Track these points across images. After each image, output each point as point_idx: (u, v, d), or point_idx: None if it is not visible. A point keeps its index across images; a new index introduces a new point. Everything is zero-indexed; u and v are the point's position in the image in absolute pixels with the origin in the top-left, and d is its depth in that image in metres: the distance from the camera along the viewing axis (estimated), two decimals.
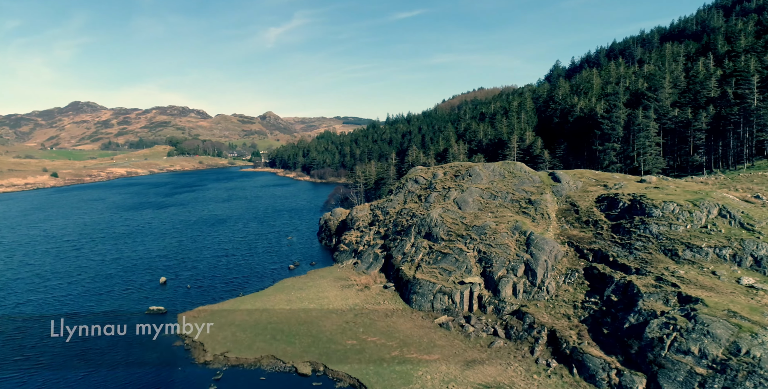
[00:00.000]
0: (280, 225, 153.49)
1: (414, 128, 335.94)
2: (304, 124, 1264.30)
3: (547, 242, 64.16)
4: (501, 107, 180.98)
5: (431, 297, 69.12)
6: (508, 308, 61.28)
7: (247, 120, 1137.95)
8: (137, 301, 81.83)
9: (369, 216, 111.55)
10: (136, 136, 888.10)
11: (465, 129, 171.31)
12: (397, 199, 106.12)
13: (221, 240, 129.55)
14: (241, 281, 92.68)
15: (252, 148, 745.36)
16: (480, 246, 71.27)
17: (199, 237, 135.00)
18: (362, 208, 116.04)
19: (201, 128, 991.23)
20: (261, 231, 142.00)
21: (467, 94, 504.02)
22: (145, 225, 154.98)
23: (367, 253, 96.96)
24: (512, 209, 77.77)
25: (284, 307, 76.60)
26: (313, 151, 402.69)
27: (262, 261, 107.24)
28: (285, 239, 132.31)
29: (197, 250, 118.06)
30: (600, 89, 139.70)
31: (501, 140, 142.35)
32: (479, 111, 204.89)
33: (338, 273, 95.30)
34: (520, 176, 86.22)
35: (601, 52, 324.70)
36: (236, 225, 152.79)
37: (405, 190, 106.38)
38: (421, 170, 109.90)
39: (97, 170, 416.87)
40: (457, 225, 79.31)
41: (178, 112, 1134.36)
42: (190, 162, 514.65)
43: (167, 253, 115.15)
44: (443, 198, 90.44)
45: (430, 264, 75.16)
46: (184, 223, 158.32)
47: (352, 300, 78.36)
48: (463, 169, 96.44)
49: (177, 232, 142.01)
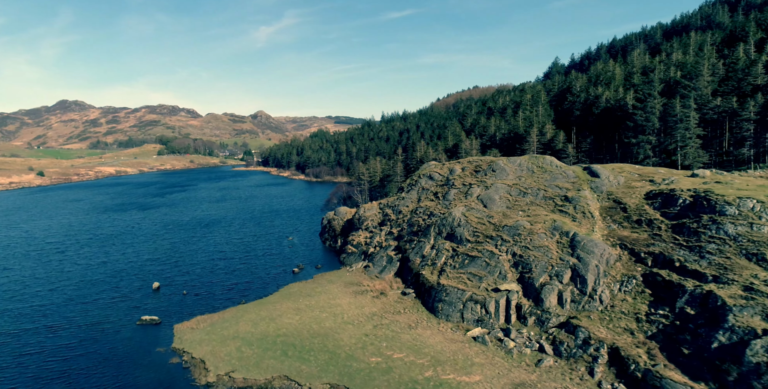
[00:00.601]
0: (279, 225, 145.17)
1: (411, 126, 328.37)
2: (296, 124, 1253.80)
3: (596, 244, 56.74)
4: (512, 101, 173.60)
5: (460, 305, 61.47)
6: (554, 320, 53.75)
7: (238, 119, 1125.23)
8: (127, 311, 73.36)
9: (378, 215, 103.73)
10: (126, 135, 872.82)
11: (473, 124, 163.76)
12: (409, 197, 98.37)
13: (217, 242, 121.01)
14: (243, 287, 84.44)
15: (243, 147, 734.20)
16: (514, 248, 63.72)
17: (193, 238, 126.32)
18: (370, 207, 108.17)
19: (191, 127, 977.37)
20: (259, 232, 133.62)
21: (462, 92, 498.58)
22: (135, 226, 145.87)
23: (379, 256, 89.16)
24: (546, 207, 70.36)
25: (293, 317, 68.60)
26: (307, 149, 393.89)
27: (263, 265, 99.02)
28: (285, 240, 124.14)
29: (192, 253, 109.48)
30: (622, 80, 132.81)
31: (517, 134, 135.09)
32: (487, 106, 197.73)
33: (348, 278, 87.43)
34: (552, 171, 78.86)
35: (602, 49, 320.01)
36: (232, 226, 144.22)
37: (418, 187, 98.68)
38: (435, 166, 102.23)
39: (85, 169, 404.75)
40: (484, 225, 71.72)
41: (167, 111, 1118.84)
42: (181, 161, 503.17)
43: (159, 256, 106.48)
44: (464, 196, 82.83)
45: (456, 269, 67.49)
46: (176, 224, 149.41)
47: (368, 309, 70.52)
48: (485, 164, 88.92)
49: (169, 234, 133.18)
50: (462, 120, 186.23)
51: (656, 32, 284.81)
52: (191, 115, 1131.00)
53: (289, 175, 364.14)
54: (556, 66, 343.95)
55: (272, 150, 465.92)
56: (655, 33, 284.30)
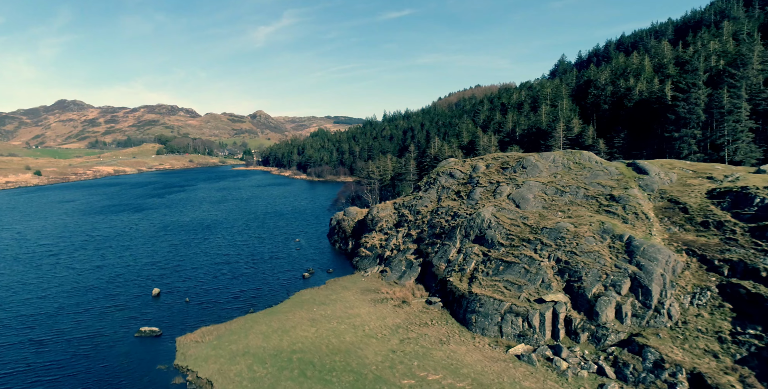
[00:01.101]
0: (284, 226, 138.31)
1: (416, 124, 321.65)
2: (295, 124, 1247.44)
3: (659, 250, 49.92)
4: (528, 96, 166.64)
5: (498, 318, 54.62)
6: (613, 337, 46.91)
7: (237, 119, 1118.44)
8: (124, 321, 66.43)
9: (394, 216, 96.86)
10: (124, 135, 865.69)
11: (486, 120, 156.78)
12: (428, 196, 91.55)
13: (220, 245, 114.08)
14: (250, 294, 77.50)
15: (243, 147, 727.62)
16: (558, 253, 56.89)
17: (194, 240, 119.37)
18: (384, 207, 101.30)
19: (190, 127, 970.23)
20: (263, 234, 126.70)
21: (465, 91, 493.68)
22: (132, 228, 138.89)
23: (397, 260, 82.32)
24: (589, 207, 63.60)
25: (309, 329, 61.75)
26: (308, 148, 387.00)
27: (270, 269, 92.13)
28: (292, 242, 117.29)
29: (193, 256, 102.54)
30: (652, 71, 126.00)
31: (540, 129, 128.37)
32: (500, 102, 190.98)
33: (364, 284, 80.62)
34: (591, 167, 72.12)
35: (611, 45, 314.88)
36: (234, 228, 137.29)
37: (438, 185, 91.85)
38: (455, 163, 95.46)
39: (83, 168, 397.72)
40: (519, 227, 64.89)
41: (166, 110, 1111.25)
42: (180, 160, 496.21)
43: (159, 260, 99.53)
44: (492, 195, 76.02)
45: (490, 276, 60.65)
46: (175, 225, 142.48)
47: (391, 320, 63.68)
48: (512, 161, 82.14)
49: (168, 235, 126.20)
50: (474, 117, 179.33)
51: (667, 28, 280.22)
52: (190, 114, 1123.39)
53: (290, 174, 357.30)
54: (563, 63, 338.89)
55: (272, 149, 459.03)
56: (667, 29, 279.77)
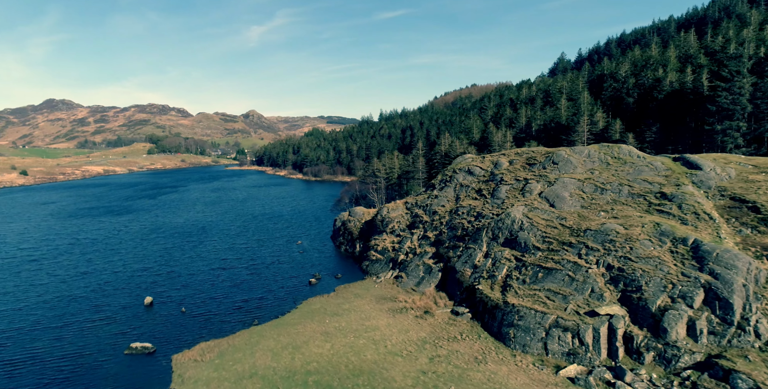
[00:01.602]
0: (284, 228, 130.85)
1: (414, 123, 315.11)
2: (288, 124, 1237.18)
3: (737, 256, 43.26)
4: (540, 90, 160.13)
5: (542, 333, 47.73)
6: (687, 358, 40.15)
7: (230, 118, 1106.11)
8: (112, 337, 58.88)
9: (406, 216, 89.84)
10: (114, 135, 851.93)
11: (495, 116, 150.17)
12: (444, 195, 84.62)
13: (217, 248, 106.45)
14: (254, 303, 70.12)
15: (235, 147, 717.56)
16: (608, 259, 50.10)
17: (189, 244, 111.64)
18: (395, 207, 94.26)
19: (182, 126, 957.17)
20: (263, 237, 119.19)
21: (461, 90, 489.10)
22: (122, 230, 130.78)
23: (413, 264, 75.32)
24: (637, 206, 56.97)
25: (323, 345, 54.55)
26: (304, 147, 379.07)
27: (273, 275, 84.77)
28: (294, 245, 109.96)
29: (189, 261, 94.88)
30: (677, 62, 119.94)
31: (559, 124, 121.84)
32: (507, 97, 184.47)
33: (378, 291, 73.56)
34: (633, 162, 65.55)
35: (611, 43, 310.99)
36: (231, 229, 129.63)
37: (455, 183, 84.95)
38: (473, 159, 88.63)
39: (71, 168, 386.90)
40: (556, 229, 58.09)
41: (158, 110, 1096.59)
42: (172, 160, 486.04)
43: (151, 265, 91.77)
44: (521, 193, 69.20)
45: (527, 284, 53.80)
46: (168, 228, 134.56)
47: (415, 333, 56.63)
48: (539, 156, 75.42)
49: (161, 238, 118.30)
50: (481, 113, 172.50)
51: (670, 25, 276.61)
52: (182, 114, 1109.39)
53: (285, 174, 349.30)
54: (563, 61, 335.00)
55: (267, 148, 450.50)
56: (669, 26, 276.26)
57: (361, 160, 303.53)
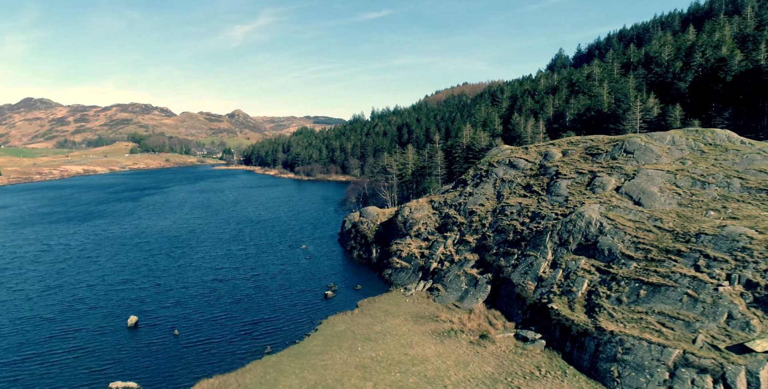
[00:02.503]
0: (284, 231, 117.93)
1: (410, 120, 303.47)
2: (274, 124, 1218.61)
3: None
4: (564, 80, 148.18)
5: (664, 373, 36.01)
6: None
7: (215, 118, 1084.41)
8: (87, 374, 45.79)
9: (434, 217, 77.64)
10: (95, 134, 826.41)
11: (513, 107, 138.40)
12: (481, 192, 72.56)
13: (211, 256, 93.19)
14: (263, 325, 57.29)
15: (221, 146, 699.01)
16: (746, 273, 38.46)
17: (178, 251, 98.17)
18: (418, 206, 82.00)
19: (165, 126, 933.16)
20: (262, 241, 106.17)
21: (453, 88, 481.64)
22: (100, 235, 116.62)
23: (452, 275, 63.14)
24: (760, 204, 45.49)
25: (363, 385, 42.06)
26: (294, 146, 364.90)
27: (280, 287, 71.96)
28: (298, 249, 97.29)
29: (179, 271, 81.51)
30: (732, 42, 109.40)
31: (601, 113, 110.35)
32: (523, 88, 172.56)
33: (411, 307, 61.27)
34: (738, 150, 54.28)
35: (613, 38, 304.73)
36: (225, 234, 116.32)
37: (493, 178, 72.96)
38: (512, 150, 76.82)
39: (48, 168, 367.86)
40: (651, 233, 46.31)
41: (140, 109, 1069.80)
42: (156, 159, 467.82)
43: (134, 277, 78.21)
44: (589, 189, 57.40)
45: (626, 305, 41.91)
46: (154, 232, 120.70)
47: (477, 367, 44.36)
48: (603, 144, 63.76)
49: (145, 244, 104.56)
50: (498, 105, 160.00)
51: (674, 19, 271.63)
52: (165, 113, 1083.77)
53: (276, 173, 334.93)
54: (561, 57, 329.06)
55: (255, 147, 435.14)
56: (674, 20, 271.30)
57: (356, 158, 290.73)
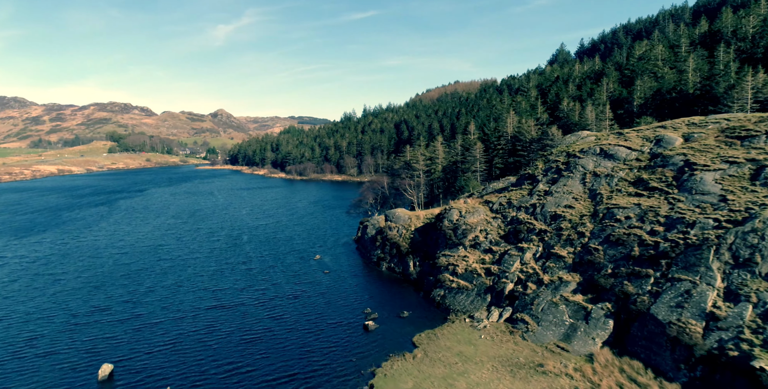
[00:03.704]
0: (289, 239, 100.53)
1: (409, 117, 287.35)
2: (257, 124, 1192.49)
3: None
4: (612, 63, 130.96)
5: None
6: None
7: (197, 118, 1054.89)
8: None
9: (495, 222, 60.97)
10: (72, 134, 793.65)
11: (539, 97, 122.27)
12: (565, 190, 56.15)
13: (208, 271, 75.29)
14: (292, 382, 39.86)
15: (204, 146, 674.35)
16: None
17: (164, 264, 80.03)
18: (470, 208, 65.25)
19: (146, 126, 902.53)
20: (265, 252, 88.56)
21: (445, 86, 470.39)
22: (66, 247, 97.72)
23: (543, 301, 46.54)
24: None
25: None
26: (284, 144, 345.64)
27: (304, 316, 54.67)
28: (311, 261, 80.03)
29: (168, 294, 63.52)
30: None
31: (684, 93, 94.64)
32: (553, 75, 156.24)
33: (493, 348, 44.58)
34: None
35: (619, 31, 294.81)
36: (220, 242, 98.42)
37: (579, 172, 56.64)
38: (597, 137, 60.62)
39: (20, 168, 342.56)
40: None
41: (119, 108, 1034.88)
42: (136, 159, 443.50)
43: (108, 303, 60.06)
44: (761, 183, 41.22)
45: None
46: (133, 240, 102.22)
47: None
48: (752, 124, 47.71)
49: (123, 256, 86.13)
50: (525, 94, 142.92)
51: (685, 12, 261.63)
52: (146, 113, 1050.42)
53: (265, 173, 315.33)
54: (562, 52, 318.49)
55: (242, 146, 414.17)
56: (684, 13, 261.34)
57: (352, 156, 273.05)
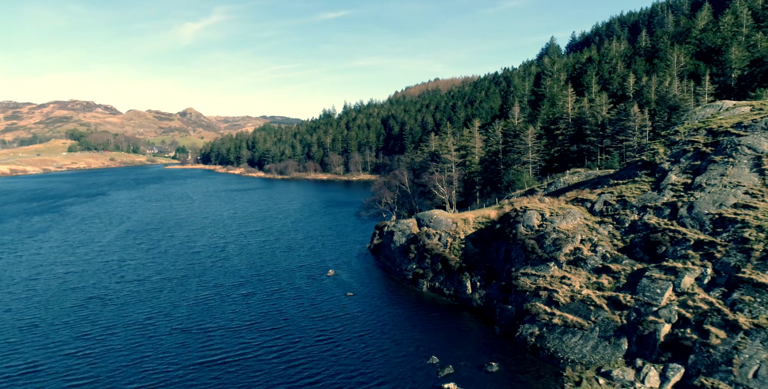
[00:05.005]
0: (288, 249, 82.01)
1: (397, 111, 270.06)
2: (229, 123, 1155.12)
3: None
4: (663, 39, 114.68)
5: None
6: None
7: (165, 116, 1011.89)
8: None
9: (602, 229, 44.06)
10: (29, 133, 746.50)
11: (582, 78, 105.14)
12: (723, 182, 39.65)
13: (189, 299, 56.20)
14: None
15: (173, 146, 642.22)
16: None
17: (124, 288, 60.53)
18: (559, 210, 48.30)
19: (110, 124, 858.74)
20: (266, 269, 69.84)
21: (426, 83, 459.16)
22: (12, 264, 76.93)
23: (755, 362, 29.42)
24: None
25: None
26: (261, 142, 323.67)
27: (339, 373, 36.46)
28: (326, 280, 61.95)
29: (132, 341, 44.39)
30: None
31: None
32: (583, 57, 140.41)
33: None
34: None
35: (614, 23, 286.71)
36: (200, 255, 79.21)
37: (743, 156, 40.12)
38: (752, 106, 44.35)
39: None
40: None
41: (81, 106, 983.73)
42: (99, 158, 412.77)
43: (41, 361, 40.57)
44: None
45: None
46: (87, 254, 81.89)
47: None
48: None
49: (71, 276, 66.06)
50: (540, 79, 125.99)
51: (684, 3, 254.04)
52: (110, 111, 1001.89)
53: (242, 172, 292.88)
54: (553, 46, 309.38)
55: (215, 145, 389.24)
56: (682, 4, 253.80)
57: (338, 154, 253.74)
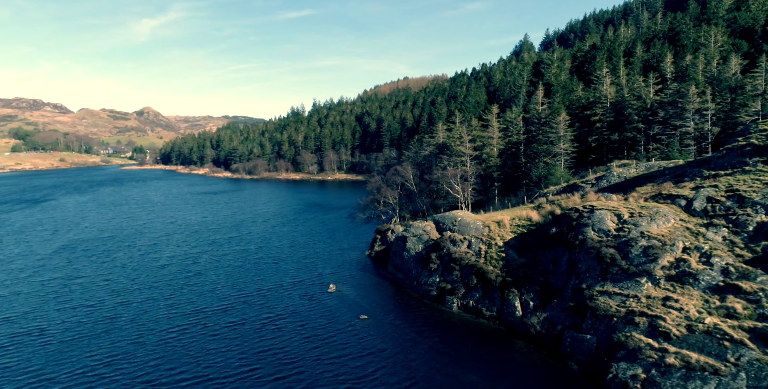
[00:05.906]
0: (276, 261, 69.92)
1: (371, 108, 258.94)
2: (189, 123, 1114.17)
3: None
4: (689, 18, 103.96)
5: None
6: None
7: (121, 116, 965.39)
8: None
9: (712, 234, 34.23)
10: None
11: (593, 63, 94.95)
12: None
13: (160, 333, 43.55)
14: None
15: (130, 146, 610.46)
16: None
17: (71, 315, 47.33)
18: (641, 209, 38.40)
19: (60, 124, 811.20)
20: (253, 286, 57.73)
21: (396, 82, 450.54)
22: None
23: None
24: None
25: None
26: (226, 140, 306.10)
27: None
28: (328, 297, 50.50)
29: None
30: None
31: None
32: (584, 48, 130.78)
33: None
34: None
35: (588, 20, 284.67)
36: (168, 270, 66.14)
37: None
38: None
39: None
40: None
41: (27, 105, 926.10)
42: (47, 159, 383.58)
43: None
44: None
45: None
46: (22, 270, 67.56)
47: None
48: None
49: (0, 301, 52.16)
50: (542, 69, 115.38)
51: (657, 1, 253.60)
52: (60, 110, 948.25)
53: (207, 172, 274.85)
54: (527, 43, 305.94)
55: (176, 144, 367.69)
56: (656, 2, 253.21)
57: (311, 152, 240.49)
